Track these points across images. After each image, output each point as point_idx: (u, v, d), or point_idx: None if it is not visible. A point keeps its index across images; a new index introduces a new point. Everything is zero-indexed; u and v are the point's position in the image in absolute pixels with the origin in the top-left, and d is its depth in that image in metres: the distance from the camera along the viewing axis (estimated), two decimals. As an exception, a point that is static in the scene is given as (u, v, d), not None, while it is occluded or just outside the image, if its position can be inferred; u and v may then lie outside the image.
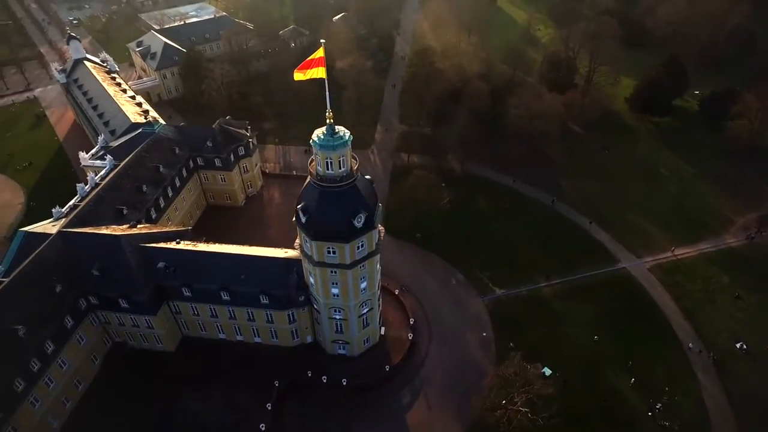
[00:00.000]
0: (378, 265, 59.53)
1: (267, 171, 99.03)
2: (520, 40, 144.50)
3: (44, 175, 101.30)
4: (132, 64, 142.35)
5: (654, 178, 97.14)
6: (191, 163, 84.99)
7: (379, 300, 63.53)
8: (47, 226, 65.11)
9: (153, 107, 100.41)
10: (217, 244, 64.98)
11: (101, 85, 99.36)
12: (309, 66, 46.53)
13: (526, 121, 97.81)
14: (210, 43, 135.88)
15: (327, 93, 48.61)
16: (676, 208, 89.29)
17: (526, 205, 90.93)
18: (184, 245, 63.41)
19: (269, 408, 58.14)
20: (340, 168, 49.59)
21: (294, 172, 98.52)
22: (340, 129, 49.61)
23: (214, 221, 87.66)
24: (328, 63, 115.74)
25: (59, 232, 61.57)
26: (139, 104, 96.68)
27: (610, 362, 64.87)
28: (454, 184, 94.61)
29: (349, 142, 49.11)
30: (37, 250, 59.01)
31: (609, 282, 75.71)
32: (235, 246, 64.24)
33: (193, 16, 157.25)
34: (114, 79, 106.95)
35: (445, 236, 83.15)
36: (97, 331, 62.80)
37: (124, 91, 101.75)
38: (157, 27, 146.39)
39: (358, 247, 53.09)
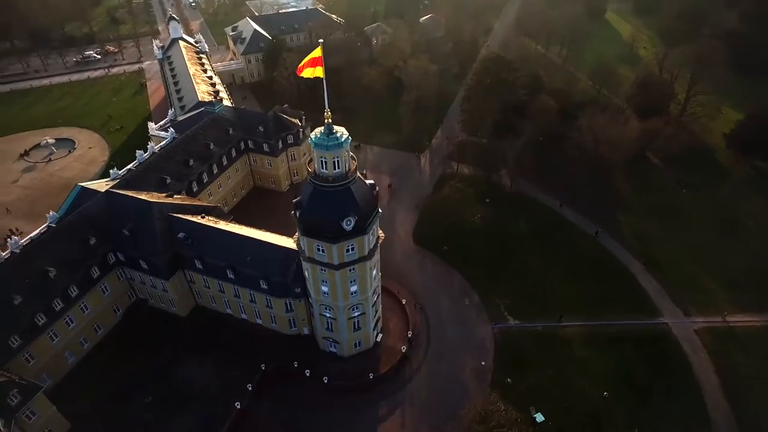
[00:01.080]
0: (374, 271, 58.58)
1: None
2: (617, 58, 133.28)
3: (129, 138, 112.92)
4: (228, 47, 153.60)
5: (733, 228, 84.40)
6: (242, 144, 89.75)
7: (375, 306, 62.52)
8: (101, 184, 72.45)
9: (232, 89, 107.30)
10: (236, 225, 68.03)
11: (186, 63, 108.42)
12: (312, 64, 46.38)
13: (592, 145, 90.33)
14: (297, 33, 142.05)
15: (325, 92, 48.87)
16: (752, 268, 76.75)
17: (568, 234, 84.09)
18: (207, 220, 67.32)
19: (249, 388, 60.03)
20: (334, 168, 49.42)
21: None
22: (339, 130, 49.40)
23: (257, 202, 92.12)
24: (393, 63, 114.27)
25: (106, 191, 68.55)
26: (213, 84, 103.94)
27: (616, 425, 57.84)
28: (498, 201, 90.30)
29: (346, 144, 48.69)
30: (84, 205, 66.54)
31: (642, 336, 67.34)
32: (251, 229, 66.70)
33: (289, 7, 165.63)
34: (200, 59, 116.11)
35: (473, 253, 79.38)
36: (121, 285, 69.04)
37: (205, 71, 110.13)
38: (256, 14, 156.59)
39: (348, 250, 52.59)
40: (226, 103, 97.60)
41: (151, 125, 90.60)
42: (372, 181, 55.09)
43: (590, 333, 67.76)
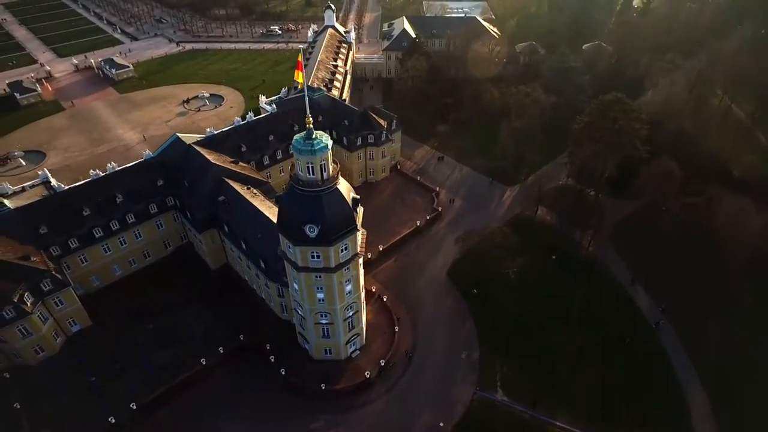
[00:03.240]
0: (348, 286, 57.21)
1: (399, 167, 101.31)
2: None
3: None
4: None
5: None
6: (328, 133, 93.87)
7: (350, 321, 61.10)
8: (193, 138, 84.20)
9: (364, 81, 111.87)
10: (272, 203, 72.54)
11: (321, 48, 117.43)
12: (298, 68, 46.75)
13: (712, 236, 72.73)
14: (441, 38, 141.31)
15: (306, 99, 48.33)
16: None
17: (623, 319, 70.01)
18: (248, 192, 73.30)
19: (220, 352, 64.66)
20: (308, 173, 49.34)
21: (418, 178, 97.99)
22: (320, 136, 48.85)
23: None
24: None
25: (188, 145, 79.49)
26: (333, 73, 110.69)
27: None
28: (565, 260, 78.99)
29: (320, 153, 48.05)
30: (169, 151, 78.44)
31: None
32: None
33: (453, 12, 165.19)
34: (338, 48, 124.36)
35: (501, 307, 71.42)
36: (176, 226, 79.70)
37: (335, 59, 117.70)
38: (425, 14, 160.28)
39: (312, 256, 52.45)
40: (334, 93, 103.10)
41: (262, 98, 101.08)
42: (356, 197, 53.40)
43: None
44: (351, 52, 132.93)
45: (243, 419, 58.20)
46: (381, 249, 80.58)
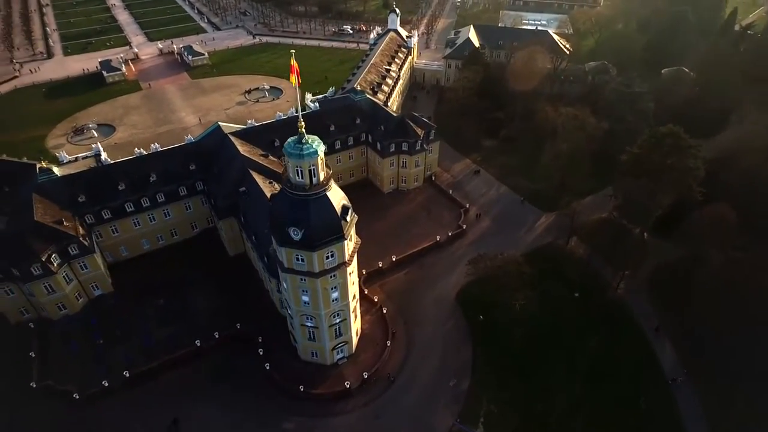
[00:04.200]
0: (335, 293, 56.67)
1: (433, 178, 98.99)
2: None
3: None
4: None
5: None
6: (363, 136, 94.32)
7: (336, 327, 60.57)
8: (232, 128, 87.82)
9: (419, 87, 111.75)
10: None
11: (377, 50, 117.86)
12: (292, 72, 46.83)
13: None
14: (505, 50, 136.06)
15: (298, 103, 48.18)
16: None
17: (639, 370, 64.10)
18: (267, 186, 74.92)
19: (216, 336, 66.86)
20: (297, 176, 49.36)
21: (450, 191, 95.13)
22: (311, 141, 48.63)
23: (356, 190, 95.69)
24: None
25: (226, 134, 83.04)
26: (383, 77, 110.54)
27: None
28: (589, 301, 73.29)
29: (308, 158, 47.89)
30: (207, 139, 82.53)
31: None
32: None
33: (529, 24, 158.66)
34: (396, 52, 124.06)
35: (506, 339, 67.58)
36: (203, 209, 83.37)
37: (389, 63, 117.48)
38: (500, 24, 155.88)
39: (297, 258, 52.54)
40: (380, 97, 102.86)
41: (309, 96, 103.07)
42: (347, 204, 52.54)
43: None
44: (410, 58, 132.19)
45: (218, 406, 59.70)
46: (394, 259, 79.26)
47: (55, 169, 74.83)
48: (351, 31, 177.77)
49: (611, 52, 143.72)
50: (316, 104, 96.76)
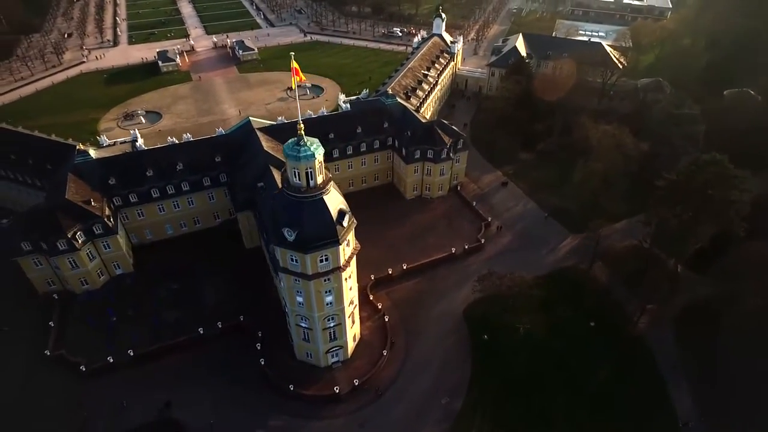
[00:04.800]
0: (329, 297, 56.45)
1: (459, 188, 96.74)
2: None
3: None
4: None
5: None
6: (391, 140, 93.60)
7: (330, 330, 60.34)
8: (261, 123, 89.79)
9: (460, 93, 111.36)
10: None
11: (417, 55, 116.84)
12: (295, 74, 46.99)
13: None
14: (558, 61, 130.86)
15: (298, 104, 48.13)
16: None
17: (645, 415, 58.94)
18: (286, 183, 76.11)
19: (219, 326, 68.44)
20: (295, 178, 49.46)
21: (474, 203, 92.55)
22: (310, 144, 48.51)
23: (379, 194, 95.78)
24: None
25: (254, 129, 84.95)
26: (419, 82, 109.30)
27: None
28: (605, 332, 69.21)
29: (305, 161, 47.95)
30: (236, 131, 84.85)
31: None
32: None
33: (584, 35, 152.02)
34: (437, 57, 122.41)
35: (503, 363, 65.14)
36: (225, 200, 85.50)
37: (428, 68, 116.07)
38: (554, 34, 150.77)
39: (291, 259, 52.74)
40: (413, 102, 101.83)
41: (342, 96, 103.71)
42: (344, 209, 51.98)
43: None
44: (452, 63, 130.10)
45: (210, 396, 61.01)
46: (405, 267, 78.13)
47: (91, 152, 79.29)
48: (400, 34, 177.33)
49: (670, 70, 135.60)
50: (348, 105, 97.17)
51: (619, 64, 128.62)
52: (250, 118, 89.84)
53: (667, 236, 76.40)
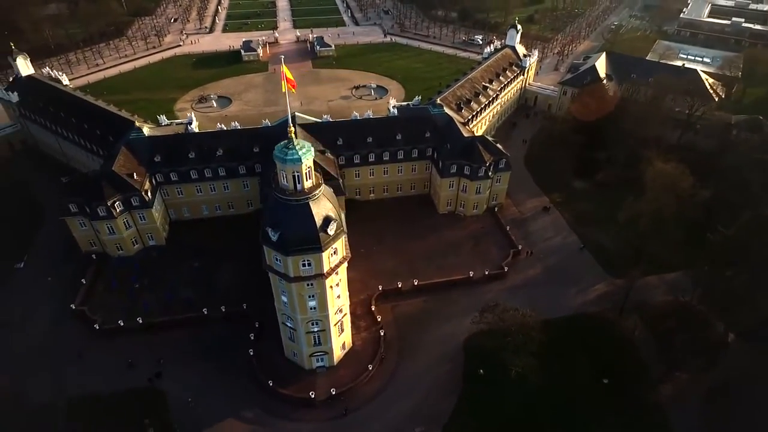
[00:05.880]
0: (312, 302, 56.01)
1: (496, 209, 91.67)
2: None
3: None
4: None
5: None
6: (430, 151, 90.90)
7: (314, 335, 59.97)
8: (306, 119, 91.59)
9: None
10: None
11: (482, 66, 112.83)
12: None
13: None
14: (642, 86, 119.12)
15: (289, 111, 47.66)
16: None
17: None
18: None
19: (222, 310, 70.91)
20: (284, 179, 49.42)
21: (508, 227, 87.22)
22: (299, 147, 48.12)
23: (412, 204, 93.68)
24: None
25: (298, 123, 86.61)
26: (476, 94, 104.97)
27: None
28: (620, 392, 62.35)
29: (291, 164, 47.91)
30: (280, 125, 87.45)
31: None
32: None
33: (686, 59, 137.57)
34: (504, 69, 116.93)
35: (494, 403, 60.71)
36: (258, 190, 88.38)
37: (490, 81, 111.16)
38: (649, 55, 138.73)
39: (275, 259, 53.00)
40: (465, 114, 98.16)
41: (392, 101, 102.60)
42: (330, 216, 51.01)
43: None
44: (521, 78, 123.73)
45: (196, 374, 63.41)
46: (416, 284, 75.65)
47: (145, 129, 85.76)
48: (480, 42, 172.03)
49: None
50: (395, 111, 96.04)
51: (714, 95, 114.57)
52: (297, 113, 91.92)
53: (717, 297, 66.95)
